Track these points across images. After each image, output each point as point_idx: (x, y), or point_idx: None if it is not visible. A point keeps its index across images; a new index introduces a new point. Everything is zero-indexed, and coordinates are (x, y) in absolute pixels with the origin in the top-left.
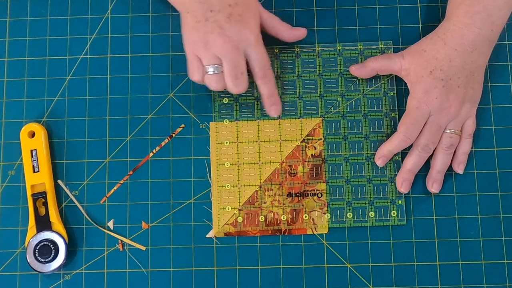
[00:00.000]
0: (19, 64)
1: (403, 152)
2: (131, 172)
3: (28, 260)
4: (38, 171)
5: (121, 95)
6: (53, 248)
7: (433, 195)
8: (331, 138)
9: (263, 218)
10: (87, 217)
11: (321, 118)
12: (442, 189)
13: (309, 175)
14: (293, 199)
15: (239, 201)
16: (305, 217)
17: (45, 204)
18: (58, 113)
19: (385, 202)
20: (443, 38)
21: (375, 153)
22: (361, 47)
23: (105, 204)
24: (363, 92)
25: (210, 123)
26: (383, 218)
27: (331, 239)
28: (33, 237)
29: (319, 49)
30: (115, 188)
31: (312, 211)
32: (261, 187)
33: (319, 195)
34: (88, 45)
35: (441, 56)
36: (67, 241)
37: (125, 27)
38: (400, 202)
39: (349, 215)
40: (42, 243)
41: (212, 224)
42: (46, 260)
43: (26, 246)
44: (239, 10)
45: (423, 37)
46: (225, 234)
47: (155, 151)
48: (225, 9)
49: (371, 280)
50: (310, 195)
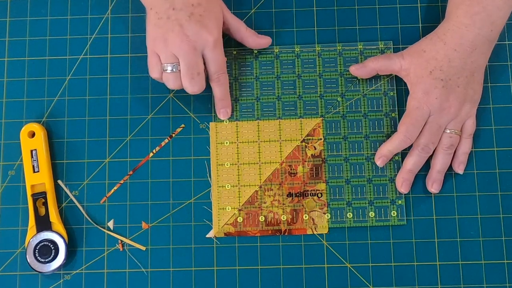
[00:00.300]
0: (19, 64)
1: (403, 152)
2: (131, 172)
3: (28, 260)
4: (38, 171)
5: (121, 95)
6: (53, 248)
7: (433, 195)
8: (331, 138)
9: (263, 218)
10: (87, 217)
11: (321, 118)
12: (442, 189)
13: (309, 175)
14: (293, 199)
15: (239, 201)
16: (305, 217)
17: (45, 204)
18: (58, 113)
19: (385, 202)
20: (442, 38)
21: (375, 153)
22: (361, 47)
23: (105, 204)
24: (363, 92)
25: (210, 123)
26: (383, 218)
27: (331, 239)
28: (33, 237)
29: (319, 49)
30: (115, 188)
31: (312, 211)
32: (261, 187)
33: (319, 195)
34: (88, 45)
35: (441, 57)
36: (67, 241)
37: (125, 27)
38: (400, 202)
39: (349, 215)
40: (42, 243)
41: (212, 224)
42: (46, 260)
43: (26, 246)
44: (200, 10)
45: (423, 37)
46: (225, 234)
47: (155, 151)
48: (187, 8)
49: (371, 280)
50: (310, 195)
